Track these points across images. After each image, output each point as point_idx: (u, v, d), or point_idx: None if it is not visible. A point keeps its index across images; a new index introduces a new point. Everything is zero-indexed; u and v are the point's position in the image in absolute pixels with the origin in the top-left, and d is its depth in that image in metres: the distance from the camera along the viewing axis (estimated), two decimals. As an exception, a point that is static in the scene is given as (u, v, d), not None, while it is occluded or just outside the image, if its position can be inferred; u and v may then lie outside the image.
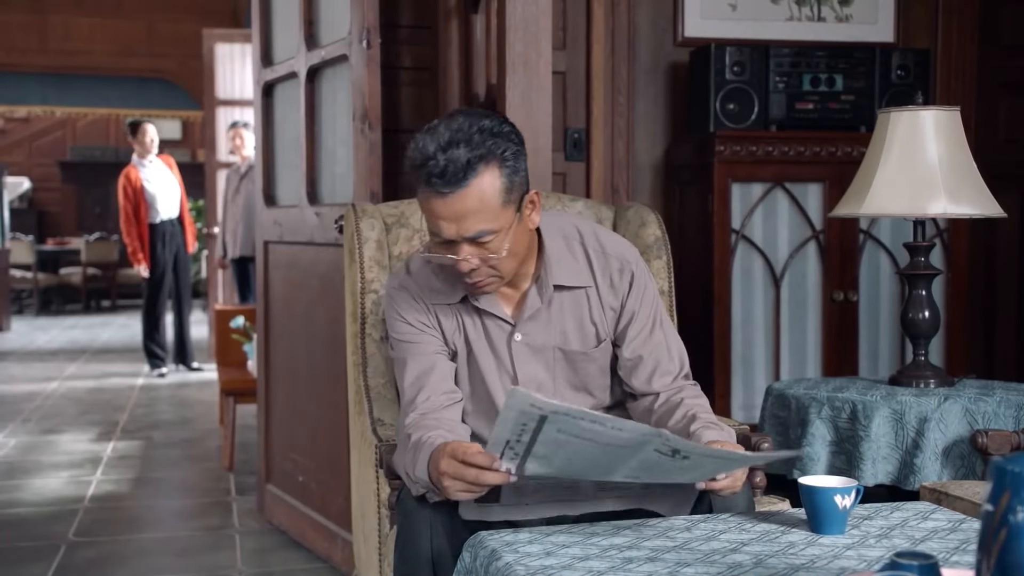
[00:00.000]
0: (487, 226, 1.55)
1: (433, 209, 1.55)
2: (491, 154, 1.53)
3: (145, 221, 6.50)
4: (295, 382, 3.32)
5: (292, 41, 3.25)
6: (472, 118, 1.55)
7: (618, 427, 1.31)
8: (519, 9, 2.64)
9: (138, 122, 6.69)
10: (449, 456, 1.42)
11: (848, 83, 3.49)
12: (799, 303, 3.50)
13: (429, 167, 1.51)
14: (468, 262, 1.58)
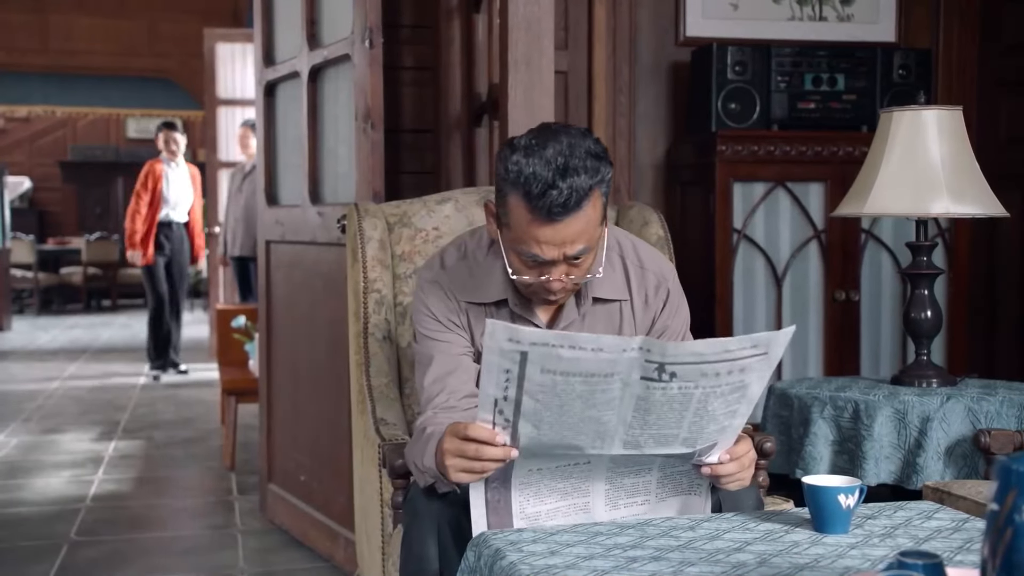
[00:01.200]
0: (586, 245, 1.55)
1: (536, 234, 1.52)
2: (602, 180, 1.52)
3: (155, 212, 6.55)
4: (297, 382, 3.32)
5: (294, 41, 3.25)
6: (574, 138, 1.52)
7: (598, 347, 1.30)
8: (521, 8, 2.64)
9: (172, 126, 6.79)
10: (451, 434, 1.42)
11: (850, 83, 3.49)
12: (801, 303, 3.50)
13: (551, 197, 1.48)
14: (561, 281, 1.56)
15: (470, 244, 1.75)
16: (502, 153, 1.55)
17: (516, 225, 1.54)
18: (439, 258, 1.75)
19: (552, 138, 1.52)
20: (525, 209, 1.51)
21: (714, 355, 1.35)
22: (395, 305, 2.22)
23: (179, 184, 6.65)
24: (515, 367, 1.32)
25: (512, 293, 1.69)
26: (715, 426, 1.43)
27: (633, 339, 1.32)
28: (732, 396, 1.40)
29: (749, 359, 1.36)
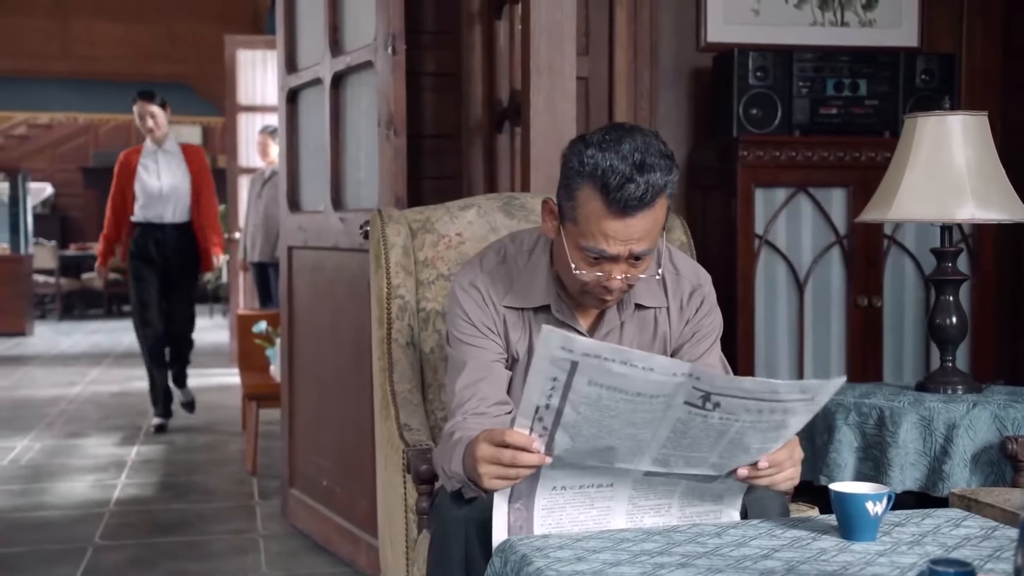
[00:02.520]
0: (650, 246, 1.56)
1: (605, 228, 1.53)
2: (671, 182, 1.55)
3: (125, 213, 5.13)
4: (319, 386, 3.33)
5: (317, 47, 3.27)
6: (648, 138, 1.54)
7: (649, 366, 1.31)
8: (544, 14, 2.65)
9: (148, 95, 5.16)
10: (485, 440, 1.42)
11: (872, 88, 3.48)
12: (823, 308, 3.48)
13: (628, 190, 1.49)
14: (620, 280, 1.57)
15: (510, 248, 1.75)
16: (574, 147, 1.56)
17: (585, 219, 1.54)
18: (478, 261, 1.75)
19: (627, 135, 1.54)
20: (600, 202, 1.52)
21: (761, 393, 1.35)
22: (418, 311, 2.22)
23: (169, 173, 5.14)
24: (563, 376, 1.32)
25: (555, 299, 1.69)
26: (746, 457, 1.44)
27: (684, 364, 1.32)
28: (770, 434, 1.41)
29: (795, 403, 1.37)
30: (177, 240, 5.16)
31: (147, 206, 5.11)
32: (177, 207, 5.16)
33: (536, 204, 2.34)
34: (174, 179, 5.15)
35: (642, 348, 1.74)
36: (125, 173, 5.11)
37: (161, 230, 5.14)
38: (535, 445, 1.38)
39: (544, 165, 2.69)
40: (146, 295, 5.13)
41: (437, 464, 1.61)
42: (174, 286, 5.23)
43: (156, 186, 5.12)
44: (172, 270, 5.18)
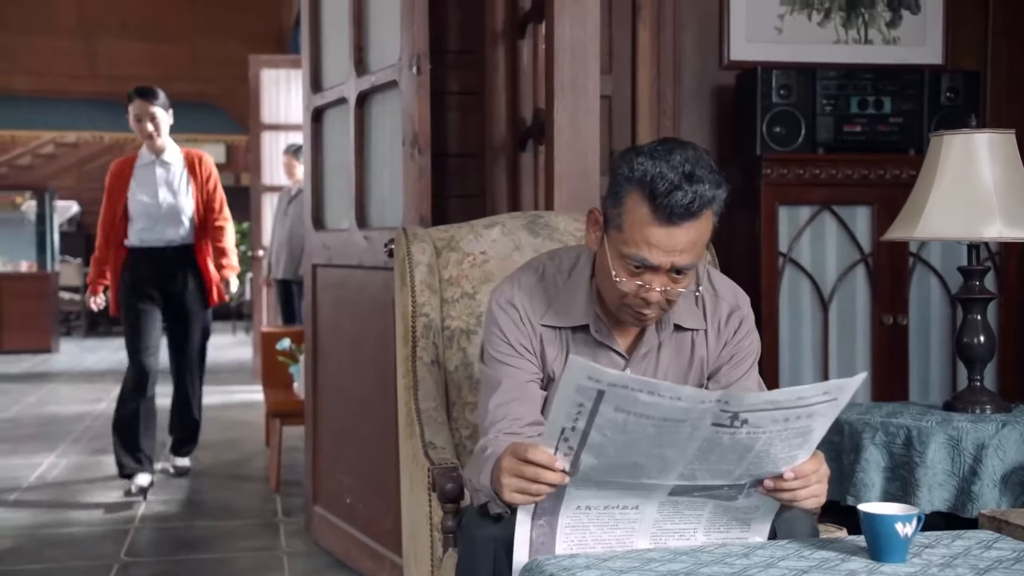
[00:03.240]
0: (692, 260, 1.56)
1: (650, 237, 1.53)
2: (718, 198, 1.54)
3: (114, 233, 4.29)
4: (343, 404, 3.34)
5: (341, 67, 3.29)
6: (697, 152, 1.55)
7: (676, 396, 1.31)
8: (567, 33, 2.66)
9: (146, 94, 4.32)
10: (510, 454, 1.43)
11: (896, 105, 3.47)
12: (848, 326, 3.47)
13: (675, 197, 1.50)
14: (659, 293, 1.57)
15: (549, 267, 1.75)
16: (626, 155, 1.57)
17: (630, 225, 1.55)
18: (516, 280, 1.75)
19: (679, 147, 1.55)
20: (646, 208, 1.52)
21: (788, 402, 1.35)
22: (443, 329, 2.23)
23: (169, 188, 4.32)
24: (589, 403, 1.32)
25: (594, 319, 1.69)
26: (772, 467, 1.43)
27: (712, 393, 1.32)
28: (795, 441, 1.41)
29: (819, 405, 1.37)
30: (181, 269, 4.31)
31: (144, 228, 4.27)
32: (180, 227, 4.31)
33: (560, 222, 2.34)
34: (176, 195, 4.31)
35: (679, 370, 1.73)
36: (117, 187, 4.30)
37: (160, 256, 4.26)
38: (558, 464, 1.38)
39: (568, 183, 2.69)
40: (143, 324, 4.25)
41: (466, 477, 1.62)
42: (179, 329, 4.41)
43: (153, 203, 4.26)
44: (176, 308, 4.35)
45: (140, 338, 4.26)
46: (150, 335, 4.28)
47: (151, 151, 4.32)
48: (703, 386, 1.74)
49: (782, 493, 1.45)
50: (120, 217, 4.27)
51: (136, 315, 4.25)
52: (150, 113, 4.25)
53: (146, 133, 4.26)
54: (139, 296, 4.25)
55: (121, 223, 4.27)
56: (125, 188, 4.28)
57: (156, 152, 4.32)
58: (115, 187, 4.32)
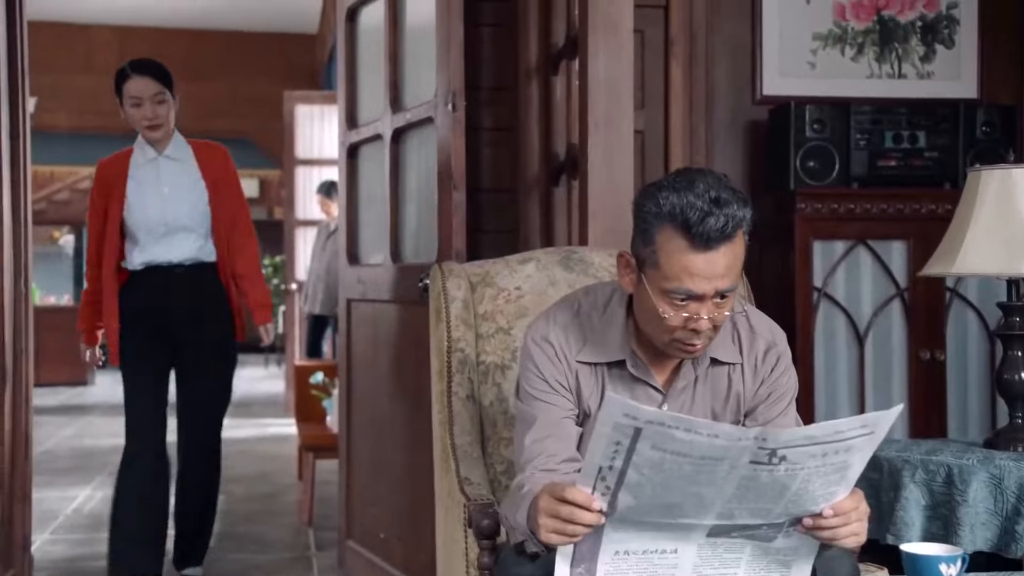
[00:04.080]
0: (734, 283, 1.56)
1: (691, 267, 1.53)
2: (747, 218, 1.55)
3: (112, 258, 3.26)
4: (377, 438, 3.35)
5: (377, 104, 3.33)
6: (716, 176, 1.56)
7: (714, 433, 1.30)
8: (601, 70, 2.68)
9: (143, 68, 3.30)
10: (547, 493, 1.42)
11: (931, 140, 3.45)
12: (884, 362, 3.43)
13: (709, 223, 1.50)
14: (707, 320, 1.57)
15: (584, 303, 1.75)
16: (647, 193, 1.58)
17: (667, 260, 1.55)
18: (551, 316, 1.75)
19: (698, 175, 1.56)
20: (682, 240, 1.52)
21: (825, 437, 1.34)
22: (478, 364, 2.23)
23: (177, 191, 3.29)
24: (626, 440, 1.32)
25: (629, 355, 1.69)
26: (811, 505, 1.42)
27: (750, 430, 1.32)
28: (833, 476, 1.39)
29: (856, 438, 1.36)
30: (199, 296, 3.28)
31: (147, 245, 3.24)
32: (192, 241, 3.27)
33: (594, 258, 2.35)
34: (186, 199, 3.26)
35: (715, 406, 1.72)
36: (109, 194, 3.25)
37: (170, 280, 3.24)
38: (595, 504, 1.38)
39: (602, 218, 2.70)
40: (142, 384, 3.23)
41: (503, 516, 1.61)
42: (192, 373, 3.29)
43: (159, 212, 3.23)
44: (192, 352, 3.26)
45: (145, 398, 3.21)
46: (159, 394, 3.24)
47: (152, 145, 3.28)
48: (739, 422, 1.72)
49: (822, 531, 1.43)
50: (115, 233, 3.23)
51: (139, 364, 3.22)
52: (155, 93, 3.21)
53: (147, 121, 3.20)
54: (143, 337, 3.22)
55: (116, 241, 3.23)
56: (120, 195, 3.23)
57: (157, 146, 3.28)
58: (106, 194, 3.27)
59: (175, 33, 11.41)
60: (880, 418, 1.35)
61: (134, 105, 3.25)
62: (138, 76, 3.26)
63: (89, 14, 11.70)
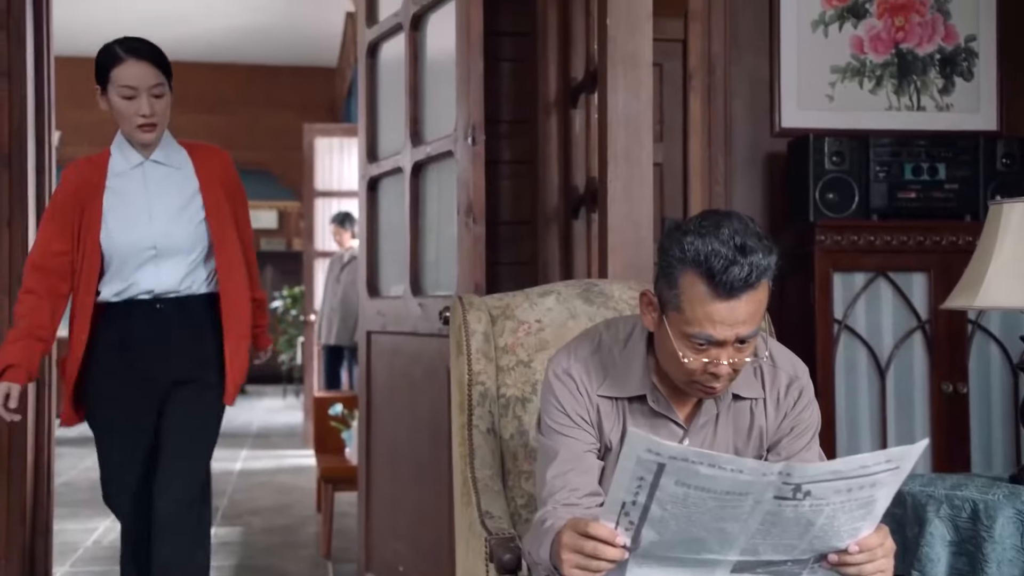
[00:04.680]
0: (755, 328, 1.57)
1: (713, 314, 1.53)
2: (772, 265, 1.55)
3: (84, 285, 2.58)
4: (397, 471, 3.35)
5: (397, 138, 3.36)
6: (744, 222, 1.56)
7: (738, 468, 1.30)
8: (621, 105, 2.69)
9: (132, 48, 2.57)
10: (571, 528, 1.42)
11: (951, 172, 3.45)
12: (906, 395, 3.41)
13: (733, 273, 1.50)
14: (727, 365, 1.57)
15: (605, 337, 1.75)
16: (672, 236, 1.58)
17: (690, 305, 1.55)
18: (572, 350, 1.75)
19: (724, 220, 1.55)
20: (704, 286, 1.52)
21: (850, 471, 1.34)
22: (498, 397, 2.24)
23: (166, 203, 2.62)
24: (650, 476, 1.32)
25: (651, 389, 1.69)
26: (836, 541, 1.41)
27: (774, 465, 1.31)
28: (858, 512, 1.38)
29: (882, 473, 1.35)
30: (190, 337, 2.62)
31: (122, 271, 2.56)
32: (184, 268, 2.60)
33: (615, 290, 2.35)
34: (181, 215, 2.60)
35: (738, 441, 1.72)
36: (75, 206, 2.56)
37: (154, 317, 2.58)
38: (619, 540, 1.38)
39: (622, 251, 2.70)
40: (120, 443, 2.63)
41: (526, 551, 1.61)
42: (178, 424, 2.59)
43: (145, 231, 2.56)
44: (177, 408, 2.60)
45: (124, 466, 2.62)
46: (137, 459, 2.62)
47: (137, 148, 2.61)
48: (762, 457, 1.72)
49: (847, 568, 1.42)
50: (95, 261, 2.54)
51: (114, 425, 2.62)
52: (154, 85, 2.54)
53: (145, 119, 2.54)
54: (119, 387, 2.58)
55: (95, 271, 2.55)
56: (95, 212, 2.54)
57: (146, 149, 2.61)
58: (78, 209, 2.56)
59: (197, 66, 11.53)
60: (906, 453, 1.35)
61: (126, 97, 2.53)
62: (134, 60, 2.52)
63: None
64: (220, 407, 2.68)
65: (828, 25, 3.65)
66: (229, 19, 9.72)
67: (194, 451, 2.63)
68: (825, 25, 3.65)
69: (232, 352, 2.63)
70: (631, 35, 2.67)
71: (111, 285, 2.60)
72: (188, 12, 9.27)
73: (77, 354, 2.59)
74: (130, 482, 2.64)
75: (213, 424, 2.69)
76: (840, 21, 3.66)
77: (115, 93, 2.56)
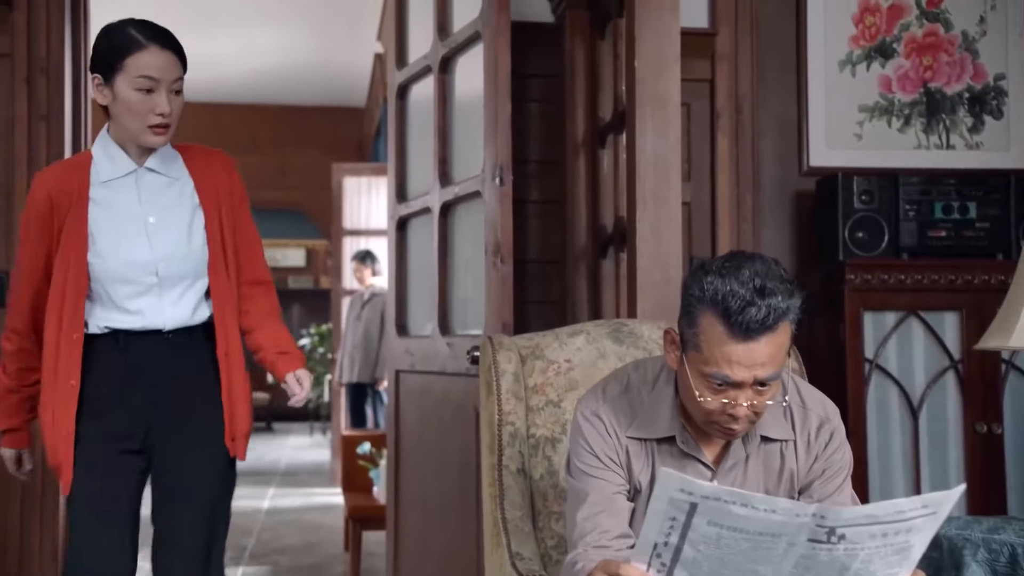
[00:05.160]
0: (775, 372, 1.56)
1: (730, 354, 1.54)
2: (793, 308, 1.55)
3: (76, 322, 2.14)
4: (425, 510, 3.34)
5: (426, 178, 3.39)
6: (768, 264, 1.56)
7: (771, 508, 1.29)
8: (649, 145, 2.71)
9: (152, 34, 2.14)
10: (602, 570, 1.42)
11: (982, 211, 3.43)
12: (939, 435, 3.37)
13: (750, 313, 1.51)
14: (745, 408, 1.57)
15: (634, 378, 1.76)
16: (695, 275, 1.59)
17: (708, 345, 1.55)
18: (600, 390, 1.76)
19: (746, 261, 1.56)
20: (721, 327, 1.53)
21: (886, 516, 1.32)
22: (528, 437, 2.23)
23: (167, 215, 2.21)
24: (682, 516, 1.31)
25: (680, 430, 1.69)
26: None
27: (808, 506, 1.31)
28: (894, 558, 1.37)
29: (918, 519, 1.34)
30: (190, 378, 2.22)
31: (115, 299, 2.17)
32: (189, 296, 2.22)
33: (644, 330, 2.35)
34: (183, 233, 2.22)
35: (768, 483, 1.71)
36: (52, 221, 2.16)
37: (149, 353, 2.18)
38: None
39: (651, 291, 2.71)
40: (111, 504, 2.15)
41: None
42: (177, 512, 2.19)
43: (143, 253, 2.17)
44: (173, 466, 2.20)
45: (107, 532, 2.14)
46: (127, 526, 2.17)
47: (131, 150, 2.20)
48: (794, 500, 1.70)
49: None
50: (80, 285, 2.13)
51: (97, 485, 2.14)
52: (175, 79, 2.15)
53: (163, 119, 2.13)
54: (104, 441, 2.15)
55: (79, 295, 2.14)
56: (79, 226, 2.14)
57: (139, 154, 2.20)
58: (55, 224, 2.16)
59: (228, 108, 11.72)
60: (943, 499, 1.33)
61: (143, 89, 2.11)
62: (158, 48, 2.12)
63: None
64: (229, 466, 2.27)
65: (855, 65, 3.66)
66: (261, 61, 9.88)
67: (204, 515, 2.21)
68: (852, 65, 3.66)
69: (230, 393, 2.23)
70: (659, 76, 2.69)
71: (99, 316, 2.17)
72: (221, 55, 9.44)
73: (70, 407, 2.13)
74: (115, 545, 2.14)
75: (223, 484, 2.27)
76: (867, 61, 3.67)
77: (128, 84, 2.11)
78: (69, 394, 2.14)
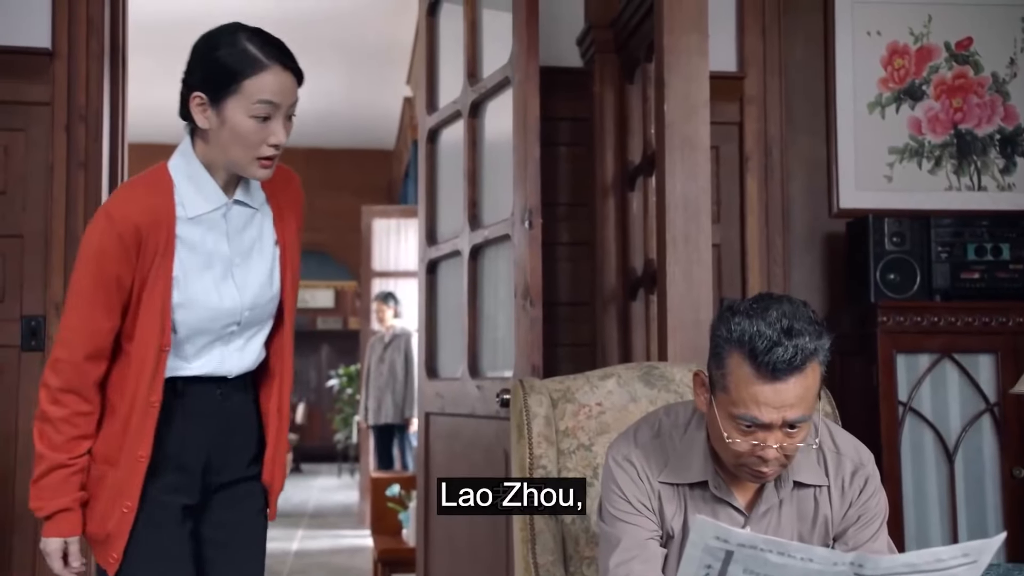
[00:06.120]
0: (804, 413, 1.55)
1: (758, 395, 1.54)
2: (822, 348, 1.55)
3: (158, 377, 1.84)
4: (455, 554, 3.32)
5: (456, 220, 3.41)
6: (796, 306, 1.57)
7: (808, 556, 1.27)
8: (679, 188, 2.72)
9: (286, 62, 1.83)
10: None
11: (1015, 252, 3.41)
12: (976, 480, 3.32)
13: (777, 354, 1.51)
14: (775, 450, 1.56)
15: (665, 423, 1.75)
16: (723, 316, 1.59)
17: (736, 387, 1.55)
18: (632, 435, 1.75)
19: (774, 303, 1.57)
20: (749, 368, 1.53)
21: (926, 565, 1.31)
22: (559, 481, 2.22)
23: (252, 256, 1.93)
24: (717, 564, 1.30)
25: (712, 475, 1.68)
26: None
27: (847, 555, 1.29)
28: None
29: (958, 568, 1.32)
30: (241, 421, 1.98)
31: (187, 349, 1.90)
32: (259, 341, 1.99)
33: (675, 373, 2.34)
34: (267, 275, 1.96)
35: (802, 529, 1.69)
36: (135, 262, 1.82)
37: (210, 400, 1.94)
38: None
39: (681, 333, 2.70)
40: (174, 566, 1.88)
41: None
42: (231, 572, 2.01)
43: (230, 299, 1.91)
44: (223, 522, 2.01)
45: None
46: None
47: (221, 180, 1.90)
48: (828, 547, 1.68)
49: None
50: (164, 329, 1.84)
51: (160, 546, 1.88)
52: (292, 104, 1.88)
53: (275, 150, 1.86)
54: (164, 500, 1.89)
55: (153, 350, 1.84)
56: (166, 263, 1.85)
57: (228, 185, 1.92)
58: (137, 264, 1.83)
59: (259, 151, 11.91)
60: (983, 547, 1.32)
61: (259, 116, 1.82)
62: (280, 69, 1.83)
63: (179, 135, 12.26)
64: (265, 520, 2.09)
65: (885, 107, 3.66)
66: (291, 105, 10.01)
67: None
68: (882, 107, 3.66)
69: (277, 450, 2.00)
70: (688, 120, 2.70)
71: (179, 362, 1.90)
72: (252, 99, 9.57)
73: (135, 481, 1.84)
74: None
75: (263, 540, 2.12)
76: (897, 103, 3.67)
77: (242, 110, 1.81)
78: (135, 467, 1.84)
